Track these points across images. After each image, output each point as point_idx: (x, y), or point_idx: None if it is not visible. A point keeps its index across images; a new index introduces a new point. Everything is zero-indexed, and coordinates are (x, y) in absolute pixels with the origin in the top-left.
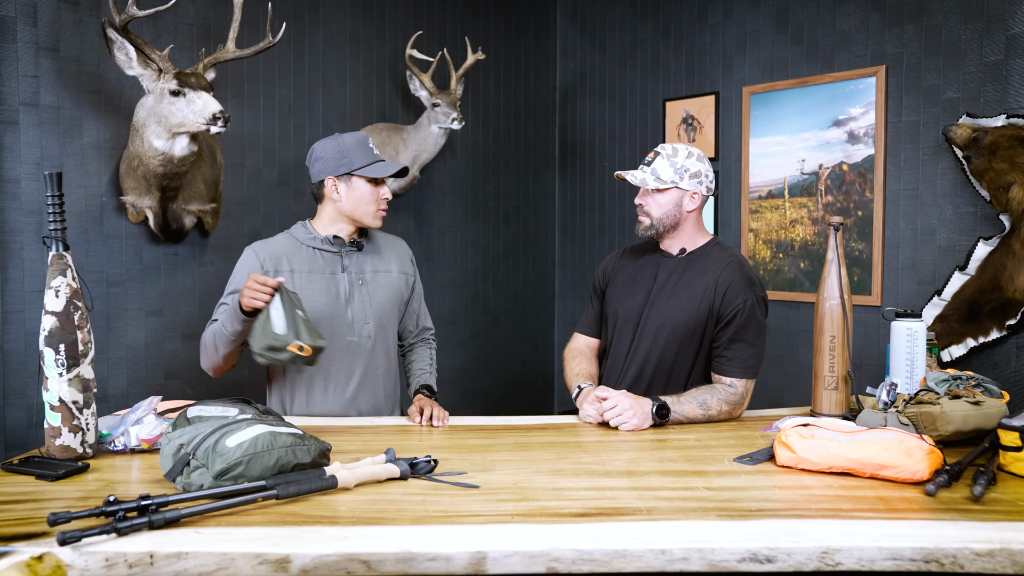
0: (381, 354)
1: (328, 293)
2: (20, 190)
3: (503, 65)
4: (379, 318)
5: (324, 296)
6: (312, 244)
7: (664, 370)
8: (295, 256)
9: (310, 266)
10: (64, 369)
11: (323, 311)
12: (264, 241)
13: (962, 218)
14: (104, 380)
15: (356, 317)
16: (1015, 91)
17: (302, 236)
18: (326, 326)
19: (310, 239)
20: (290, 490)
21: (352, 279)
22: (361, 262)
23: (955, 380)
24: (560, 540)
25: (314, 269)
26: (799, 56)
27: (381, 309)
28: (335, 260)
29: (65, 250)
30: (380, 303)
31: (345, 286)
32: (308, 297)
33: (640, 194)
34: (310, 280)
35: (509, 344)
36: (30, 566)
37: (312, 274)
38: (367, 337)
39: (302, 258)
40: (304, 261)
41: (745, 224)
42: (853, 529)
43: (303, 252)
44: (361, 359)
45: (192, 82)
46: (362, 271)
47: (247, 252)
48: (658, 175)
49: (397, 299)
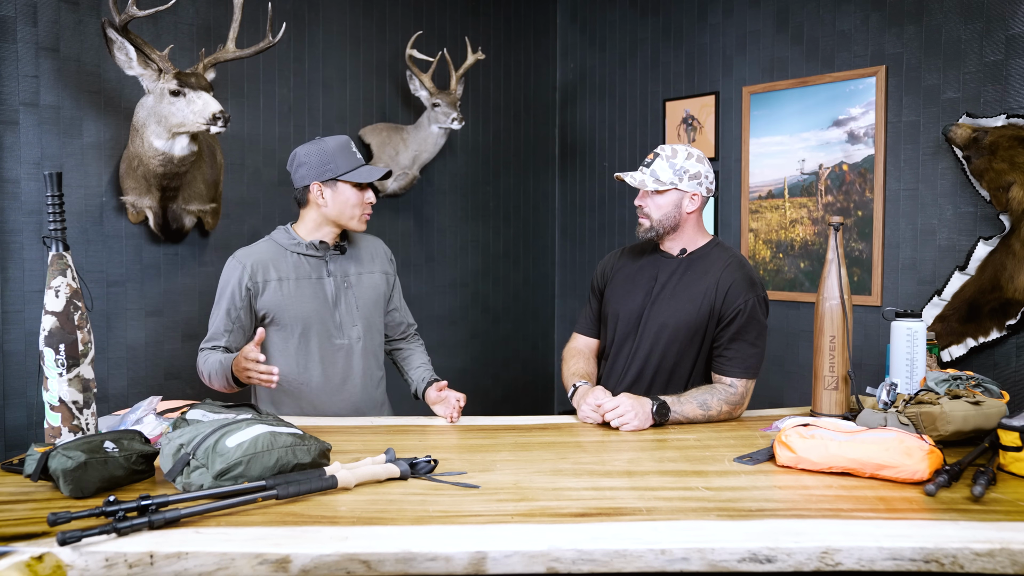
0: (371, 355)
1: (316, 298)
2: (20, 190)
3: (503, 65)
4: (366, 319)
5: (312, 301)
6: (296, 250)
7: (665, 370)
8: (280, 263)
9: (296, 272)
10: (64, 369)
11: (312, 316)
12: (247, 249)
13: (962, 218)
14: (104, 380)
15: (344, 320)
16: (1015, 91)
17: (285, 242)
18: (316, 331)
19: (294, 244)
20: (290, 490)
21: (338, 283)
22: (345, 265)
23: (955, 380)
24: (560, 540)
25: (300, 275)
26: (799, 56)
27: (367, 311)
28: (320, 265)
29: (65, 250)
30: (366, 304)
31: (331, 290)
32: (297, 303)
33: (640, 196)
34: (298, 287)
35: (509, 344)
36: (30, 566)
37: (299, 280)
38: (356, 339)
39: (287, 264)
40: (290, 268)
41: (745, 224)
42: (853, 529)
43: (288, 258)
44: (351, 361)
45: (192, 82)
46: (346, 274)
47: (232, 263)
48: (657, 176)
49: (381, 299)
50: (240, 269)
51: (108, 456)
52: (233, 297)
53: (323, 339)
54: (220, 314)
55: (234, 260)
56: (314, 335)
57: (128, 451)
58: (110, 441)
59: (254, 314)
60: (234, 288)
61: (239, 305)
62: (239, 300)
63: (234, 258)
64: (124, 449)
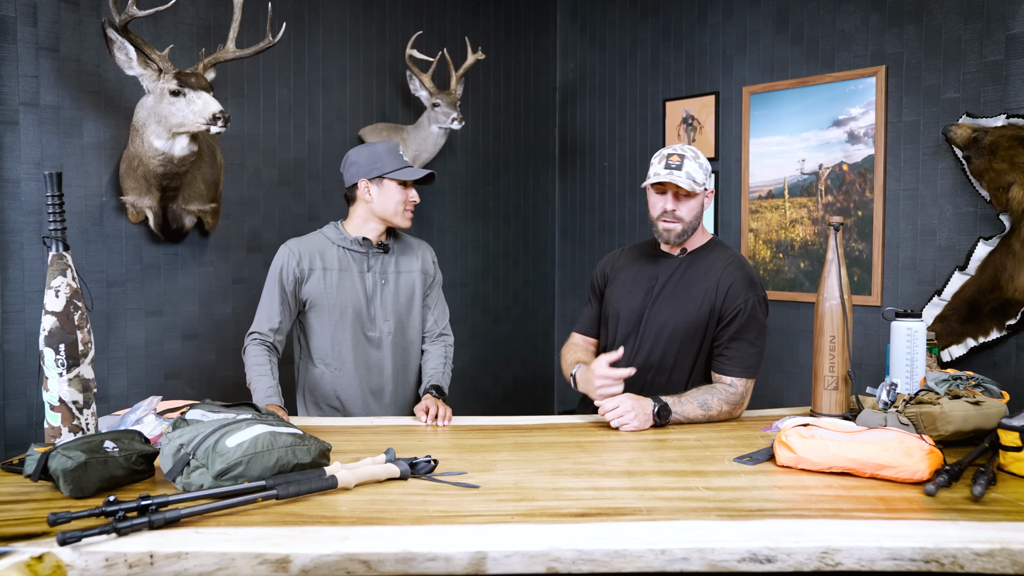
0: (400, 350)
1: (354, 291)
2: (20, 190)
3: (503, 65)
4: (398, 316)
5: (350, 294)
6: (342, 244)
7: (665, 370)
8: (327, 254)
9: (340, 264)
10: (64, 369)
11: (349, 307)
12: (299, 238)
13: (962, 218)
14: (104, 380)
15: (377, 314)
16: (1015, 91)
17: (334, 236)
18: (351, 321)
19: (340, 239)
20: (290, 490)
21: (376, 278)
22: (386, 263)
23: (955, 380)
24: (560, 540)
25: (343, 267)
26: (799, 56)
27: (400, 307)
28: (362, 260)
29: (65, 250)
30: (400, 301)
31: (369, 285)
32: (336, 293)
33: (670, 199)
34: (340, 277)
35: (509, 344)
36: (30, 566)
37: (341, 272)
38: (387, 334)
39: (333, 256)
40: (335, 259)
41: (745, 224)
42: (853, 529)
43: (334, 251)
44: (382, 354)
45: (192, 82)
46: (385, 271)
47: (283, 250)
48: (693, 178)
49: (415, 298)
50: (289, 255)
51: (108, 456)
52: (283, 280)
53: (356, 329)
54: (270, 297)
55: (285, 248)
56: (349, 324)
57: (128, 451)
58: (110, 441)
59: (298, 299)
60: (284, 272)
61: (288, 289)
62: (288, 284)
63: (286, 245)
64: (124, 449)
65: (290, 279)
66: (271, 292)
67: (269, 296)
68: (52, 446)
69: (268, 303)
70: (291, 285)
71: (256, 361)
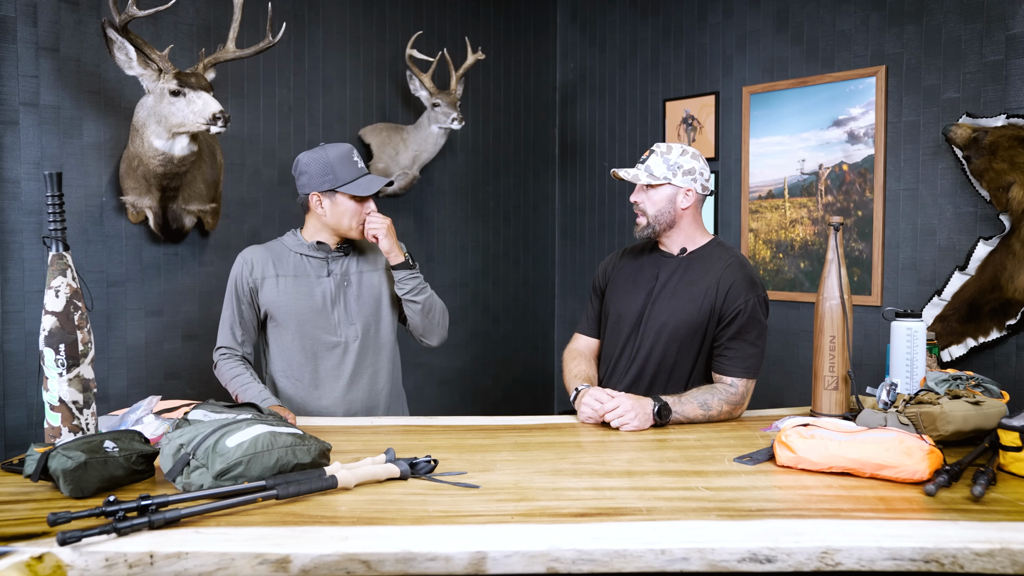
0: (371, 353)
1: (311, 297)
2: (20, 190)
3: (503, 65)
4: (365, 318)
5: (307, 300)
6: (299, 250)
7: (665, 370)
8: (281, 261)
9: (295, 271)
10: (64, 369)
11: (306, 315)
12: (255, 246)
13: (962, 218)
14: (104, 380)
15: (340, 319)
16: (1015, 91)
17: (291, 243)
18: (309, 329)
19: (298, 245)
20: (290, 490)
21: (337, 282)
22: (347, 265)
23: (955, 380)
24: (560, 540)
25: (299, 273)
26: (799, 56)
27: (367, 309)
28: (321, 265)
29: (65, 250)
30: (365, 303)
31: (330, 289)
32: (291, 300)
33: (635, 191)
34: (295, 284)
35: (509, 344)
36: (30, 566)
37: (297, 278)
38: (353, 338)
39: (288, 263)
40: (290, 266)
41: (745, 224)
42: (853, 529)
43: (290, 258)
44: (348, 359)
45: (192, 82)
46: (347, 273)
47: (238, 259)
48: (651, 172)
49: (383, 297)
50: (243, 264)
51: (108, 456)
52: (239, 290)
53: (316, 337)
54: (230, 309)
55: (240, 256)
56: (308, 333)
57: (128, 451)
58: (110, 441)
59: (256, 310)
60: (238, 282)
61: (245, 299)
62: (244, 293)
63: (241, 255)
64: (124, 449)
65: (245, 288)
66: (230, 303)
67: (228, 308)
68: (52, 446)
69: (228, 315)
70: (247, 295)
71: (234, 373)
